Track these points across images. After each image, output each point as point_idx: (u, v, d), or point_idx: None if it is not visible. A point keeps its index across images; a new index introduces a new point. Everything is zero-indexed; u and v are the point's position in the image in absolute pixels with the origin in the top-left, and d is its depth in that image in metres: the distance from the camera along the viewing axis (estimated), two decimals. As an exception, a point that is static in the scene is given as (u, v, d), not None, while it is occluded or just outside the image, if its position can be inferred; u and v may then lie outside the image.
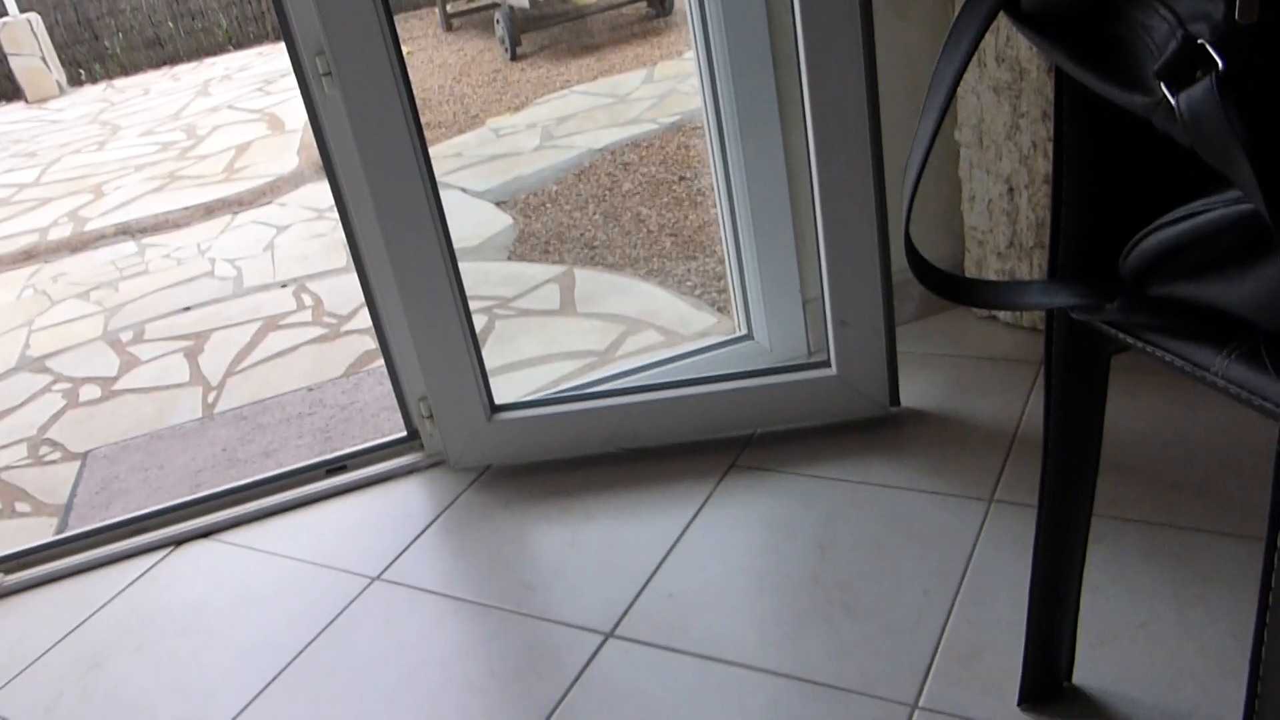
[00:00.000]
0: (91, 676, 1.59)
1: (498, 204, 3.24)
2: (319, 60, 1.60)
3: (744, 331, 2.02)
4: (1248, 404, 0.80)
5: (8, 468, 2.38)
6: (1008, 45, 1.78)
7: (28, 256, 3.91)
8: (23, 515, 2.17)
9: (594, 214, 3.04)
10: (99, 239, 3.94)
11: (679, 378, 1.84)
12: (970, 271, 2.02)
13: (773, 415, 1.80)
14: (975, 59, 1.83)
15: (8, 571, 1.84)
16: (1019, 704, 1.22)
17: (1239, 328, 0.80)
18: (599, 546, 1.62)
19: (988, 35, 1.78)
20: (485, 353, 1.81)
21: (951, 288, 0.91)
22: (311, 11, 1.55)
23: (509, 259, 2.86)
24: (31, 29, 7.29)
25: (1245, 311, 0.79)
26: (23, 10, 7.44)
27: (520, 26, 5.41)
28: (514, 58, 5.31)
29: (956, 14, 0.82)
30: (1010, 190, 1.87)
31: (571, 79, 4.67)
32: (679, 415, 1.80)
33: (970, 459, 1.65)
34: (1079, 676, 1.24)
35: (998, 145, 1.85)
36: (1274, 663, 0.65)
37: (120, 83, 7.40)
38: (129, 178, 4.66)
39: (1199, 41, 0.69)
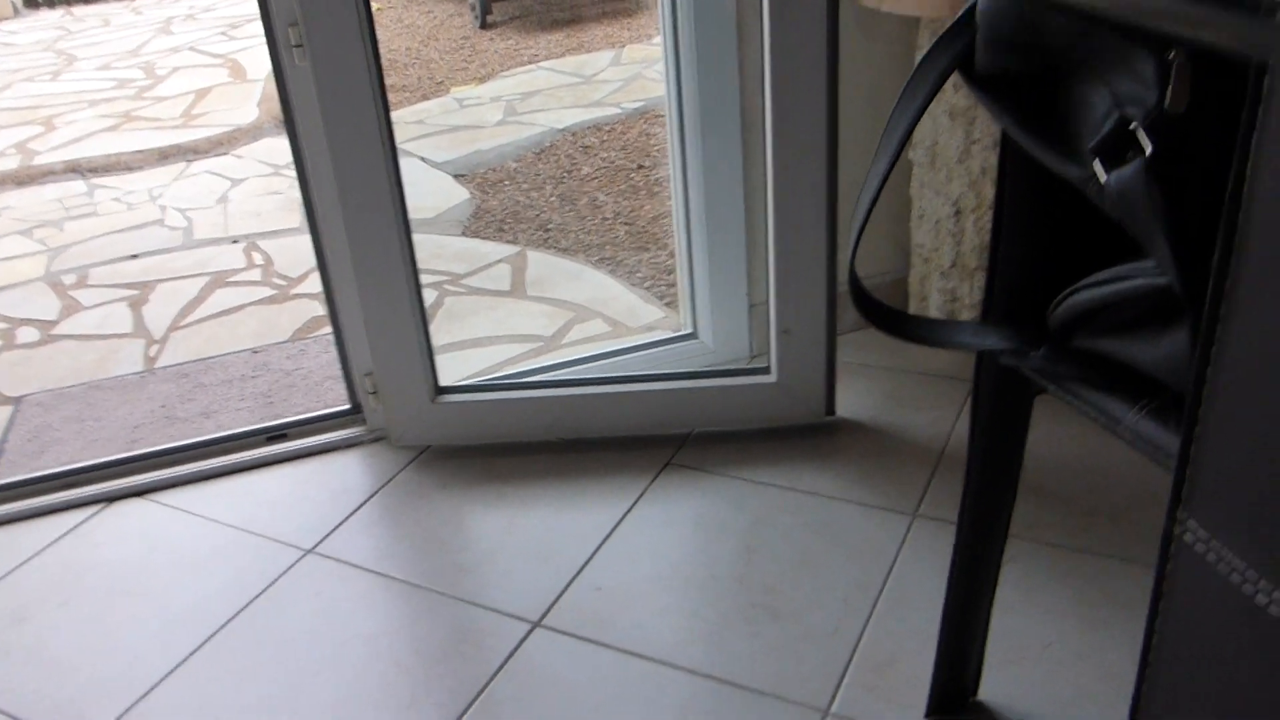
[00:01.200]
0: (14, 630, 1.59)
1: (456, 177, 3.23)
2: (291, 31, 1.59)
3: (689, 330, 2.05)
4: (1152, 458, 0.85)
5: (-61, 408, 2.35)
6: (967, 72, 1.82)
7: (-29, 188, 3.83)
8: (-47, 458, 2.15)
9: (551, 195, 3.05)
10: (47, 174, 3.86)
11: (623, 373, 1.88)
12: (914, 288, 2.07)
13: (711, 416, 1.84)
14: (935, 82, 1.87)
15: (-65, 516, 1.83)
16: (926, 715, 1.28)
17: (1151, 387, 0.85)
18: (534, 534, 1.65)
19: (949, 61, 1.82)
20: (433, 329, 1.82)
21: (889, 321, 0.95)
22: (284, -19, 1.55)
23: (463, 234, 2.86)
24: (-12, -51, 7.09)
25: (1158, 373, 0.83)
26: (-20, -72, 7.22)
27: (491, -5, 5.38)
28: (483, 26, 5.28)
29: (916, 65, 0.85)
30: (958, 212, 1.92)
31: (539, 54, 4.65)
32: (620, 410, 1.83)
33: (899, 472, 1.71)
34: (985, 692, 1.30)
35: (949, 168, 1.90)
36: (1157, 679, 0.70)
37: (79, 10, 7.22)
38: (82, 113, 4.57)
39: (1132, 125, 0.73)
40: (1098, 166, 0.73)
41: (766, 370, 1.79)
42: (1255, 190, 0.56)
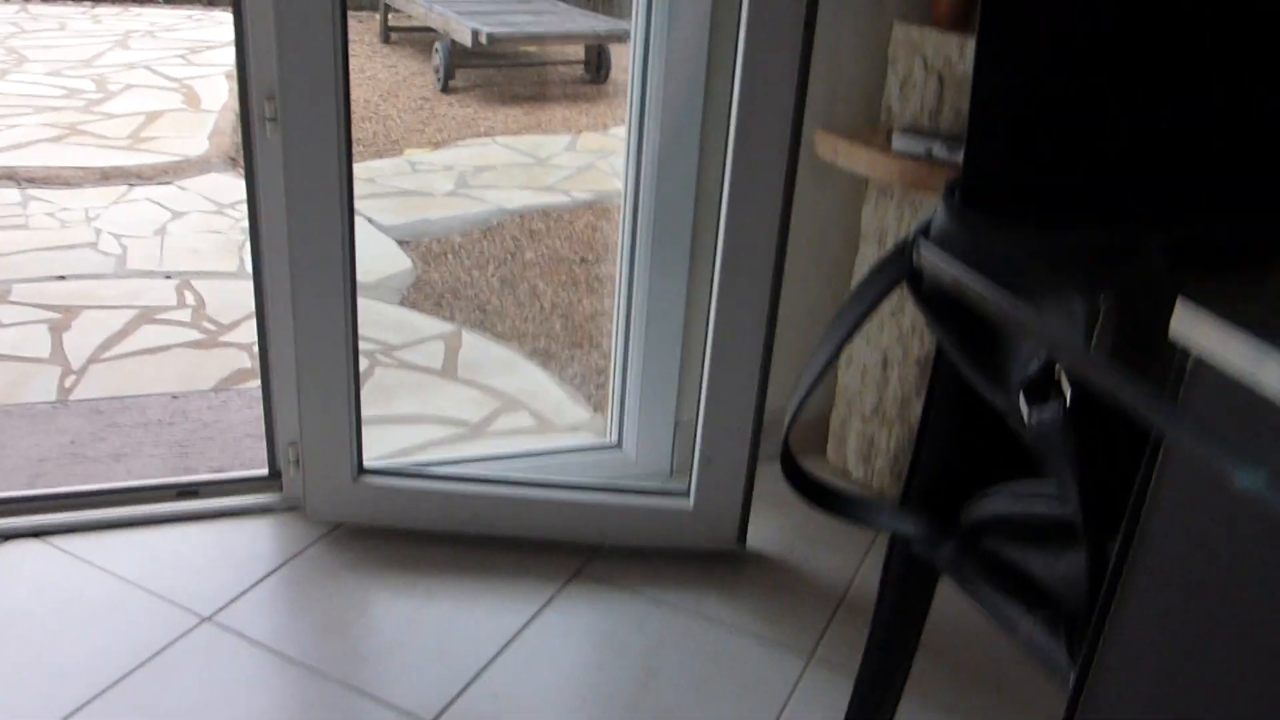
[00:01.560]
0: (-112, 665, 1.54)
1: (401, 243, 3.26)
2: (268, 104, 1.62)
3: (614, 439, 2.09)
4: (1040, 664, 0.91)
5: None
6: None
7: (-101, 180, 3.73)
8: None
9: (492, 276, 3.09)
10: (-20, 178, 3.79)
11: (543, 476, 1.91)
12: (834, 427, 2.15)
13: (625, 531, 1.87)
14: (877, 238, 1.97)
15: None
16: None
17: (1046, 599, 0.91)
18: (437, 629, 1.66)
19: (892, 221, 1.93)
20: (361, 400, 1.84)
21: (815, 494, 1.01)
22: (271, 59, 1.58)
23: (401, 304, 2.88)
24: (-48, -67, 6.98)
25: (1054, 587, 0.90)
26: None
27: (457, 61, 5.45)
28: (445, 90, 5.35)
29: (865, 274, 0.92)
30: (885, 362, 2.01)
31: (496, 127, 4.72)
32: (537, 513, 1.86)
33: (800, 610, 1.76)
34: (855, 846, 1.34)
35: (881, 319, 1.99)
36: None
37: (36, 8, 7.12)
38: (26, 118, 4.50)
39: (1057, 367, 0.80)
40: (1022, 402, 0.79)
41: (685, 494, 1.84)
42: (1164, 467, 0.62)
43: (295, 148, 1.63)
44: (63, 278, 3.02)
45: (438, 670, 1.57)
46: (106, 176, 3.89)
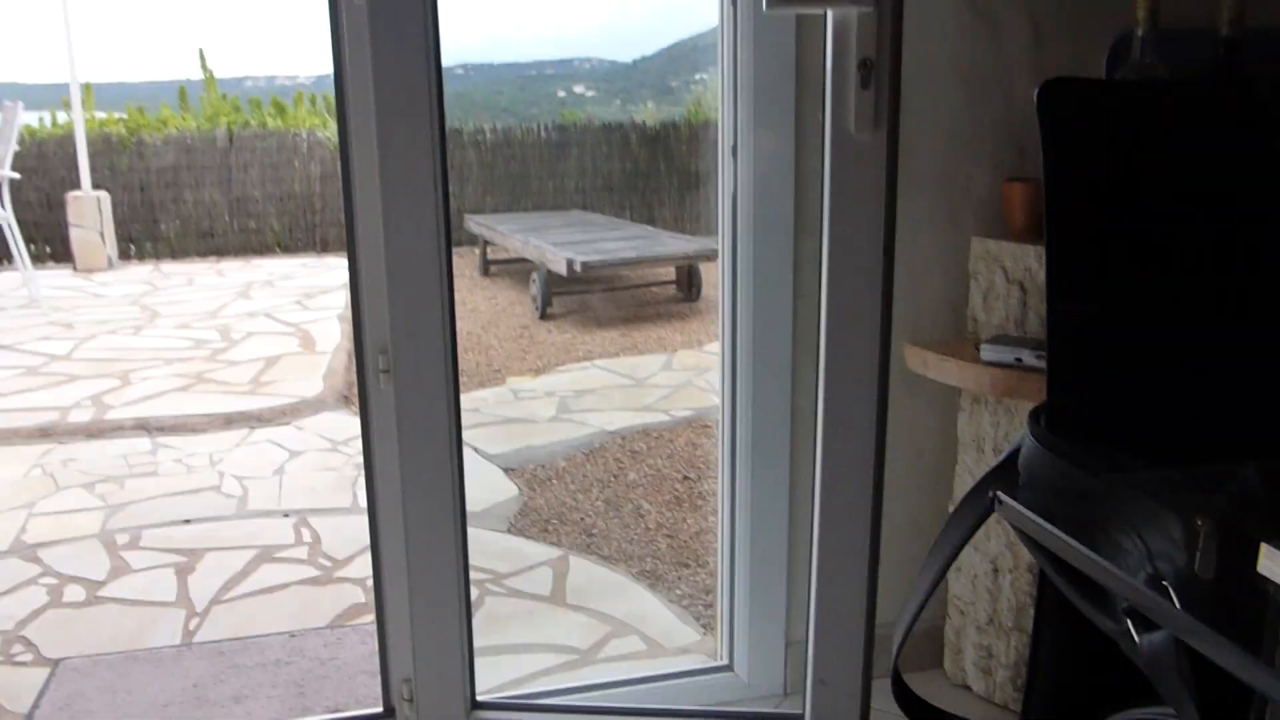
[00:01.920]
0: None
1: (506, 471, 3.35)
2: (381, 358, 1.74)
3: (725, 661, 2.07)
4: None
5: (-23, 663, 2.38)
6: (1005, 439, 1.93)
7: (44, 434, 4.00)
8: (-18, 720, 2.16)
9: (597, 499, 3.14)
10: (116, 429, 4.04)
11: (655, 702, 1.89)
12: (949, 639, 2.09)
13: (742, 757, 1.83)
14: (975, 445, 1.97)
15: (-42, 788, 1.83)
16: None
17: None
18: None
19: (989, 428, 1.94)
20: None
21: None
22: (383, 313, 1.70)
23: (509, 531, 2.94)
24: (98, 206, 7.69)
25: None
26: (96, 187, 7.87)
27: (554, 289, 5.72)
28: (543, 317, 5.58)
29: (955, 509, 0.93)
30: (995, 570, 1.97)
31: (594, 350, 4.90)
32: (650, 742, 1.83)
33: (929, 841, 1.67)
34: None
35: (987, 526, 1.96)
36: None
37: (167, 267, 7.73)
38: (157, 370, 4.82)
39: (1163, 582, 0.80)
40: (1130, 626, 0.79)
41: (800, 717, 1.79)
42: None
43: (406, 394, 1.72)
44: (188, 521, 3.16)
45: None
46: (230, 421, 4.11)
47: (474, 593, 2.59)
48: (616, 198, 8.96)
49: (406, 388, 1.72)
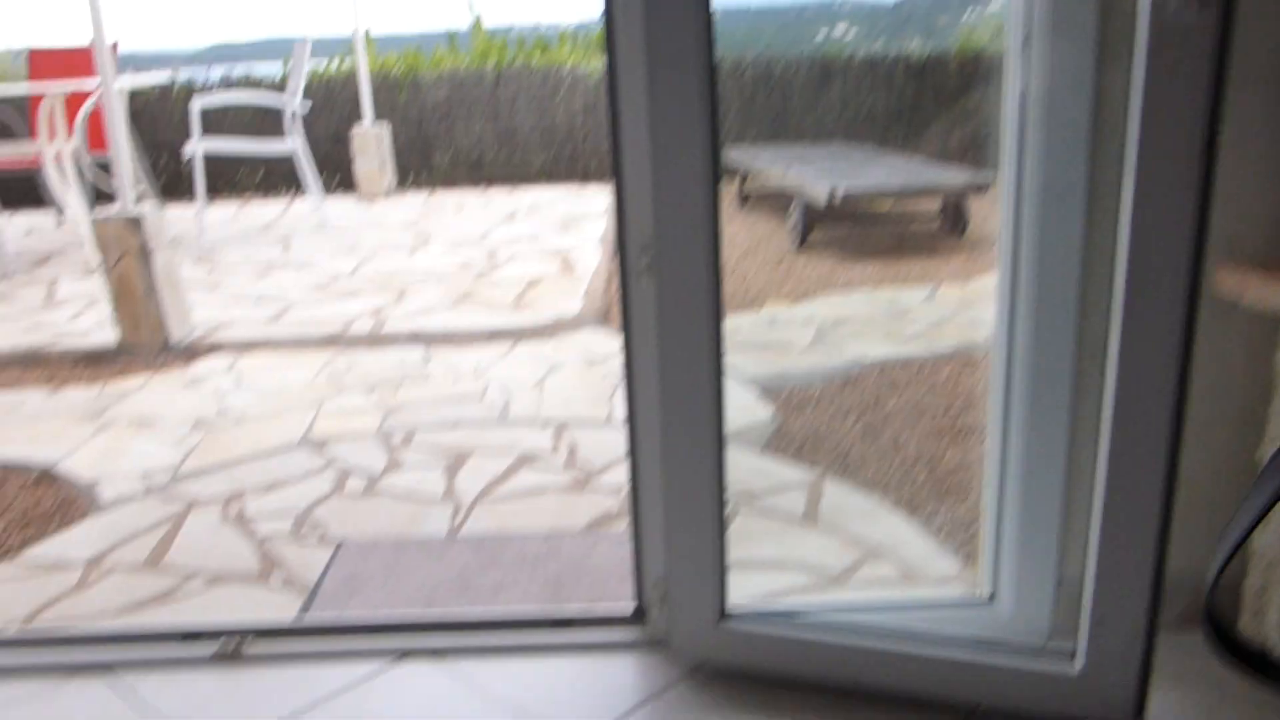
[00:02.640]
0: (301, 768, 1.68)
1: (762, 394, 3.31)
2: (643, 257, 1.72)
3: (988, 592, 1.96)
4: None
5: (273, 536, 2.59)
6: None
7: (330, 343, 4.30)
8: (275, 587, 2.35)
9: (853, 426, 3.06)
10: (392, 340, 4.29)
11: (912, 629, 1.81)
12: (1248, 598, 1.89)
13: (1003, 694, 1.73)
14: (1295, 379, 1.76)
15: (255, 640, 2.00)
16: None
17: None
18: (800, 783, 1.59)
19: (1314, 360, 1.72)
20: (726, 550, 1.84)
21: (1254, 662, 0.88)
22: (648, 219, 1.68)
23: (763, 452, 2.91)
24: (379, 139, 8.16)
25: None
26: (377, 120, 8.36)
27: (813, 219, 5.59)
28: (801, 247, 5.48)
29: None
30: (1310, 520, 1.76)
31: (854, 281, 4.76)
32: (906, 668, 1.76)
33: (1216, 802, 1.53)
34: None
35: (1304, 471, 1.75)
36: None
37: (439, 197, 8.12)
38: (429, 288, 5.08)
39: None
40: None
41: (1071, 657, 1.67)
42: None
43: (668, 298, 1.70)
44: (456, 426, 3.32)
45: (803, 828, 1.50)
46: (494, 336, 4.28)
47: (726, 507, 2.58)
48: (879, 131, 8.65)
49: (668, 290, 1.70)
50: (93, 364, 4.20)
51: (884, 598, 2.03)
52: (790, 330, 4.03)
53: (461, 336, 4.29)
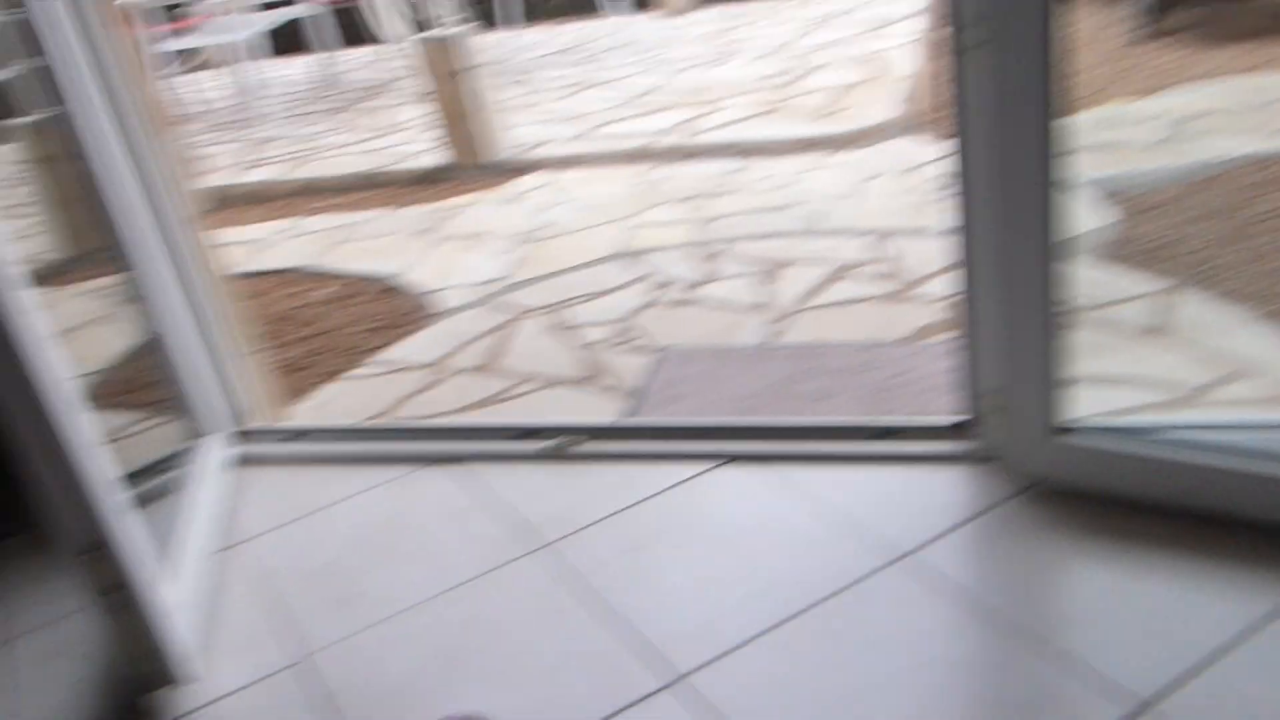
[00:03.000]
0: (630, 557, 1.76)
1: (1105, 196, 3.01)
2: (971, 32, 1.55)
3: (1386, 415, 1.71)
4: None
5: (598, 343, 2.68)
6: None
7: (643, 156, 4.32)
8: (601, 390, 2.44)
9: (1212, 231, 2.73)
10: (704, 152, 4.25)
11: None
12: None
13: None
14: None
15: (584, 440, 2.09)
16: None
17: None
18: (1150, 606, 1.48)
19: None
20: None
21: None
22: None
23: (1105, 259, 2.66)
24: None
25: None
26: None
27: (1167, 1, 4.94)
28: (1151, 36, 4.88)
29: None
30: None
31: (1215, 69, 4.19)
32: (1271, 493, 1.57)
33: None
34: None
35: None
36: None
37: (734, 9, 7.85)
38: (741, 99, 4.97)
39: None
40: None
41: None
42: None
43: (1003, 71, 1.53)
44: (771, 236, 3.26)
45: (1152, 650, 1.40)
46: (808, 145, 4.14)
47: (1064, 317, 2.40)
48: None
49: (1003, 69, 1.52)
50: (426, 184, 4.46)
51: (1253, 417, 1.82)
52: (1134, 129, 3.62)
53: (774, 147, 4.18)
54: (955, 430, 1.89)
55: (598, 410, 2.36)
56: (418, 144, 4.97)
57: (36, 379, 1.36)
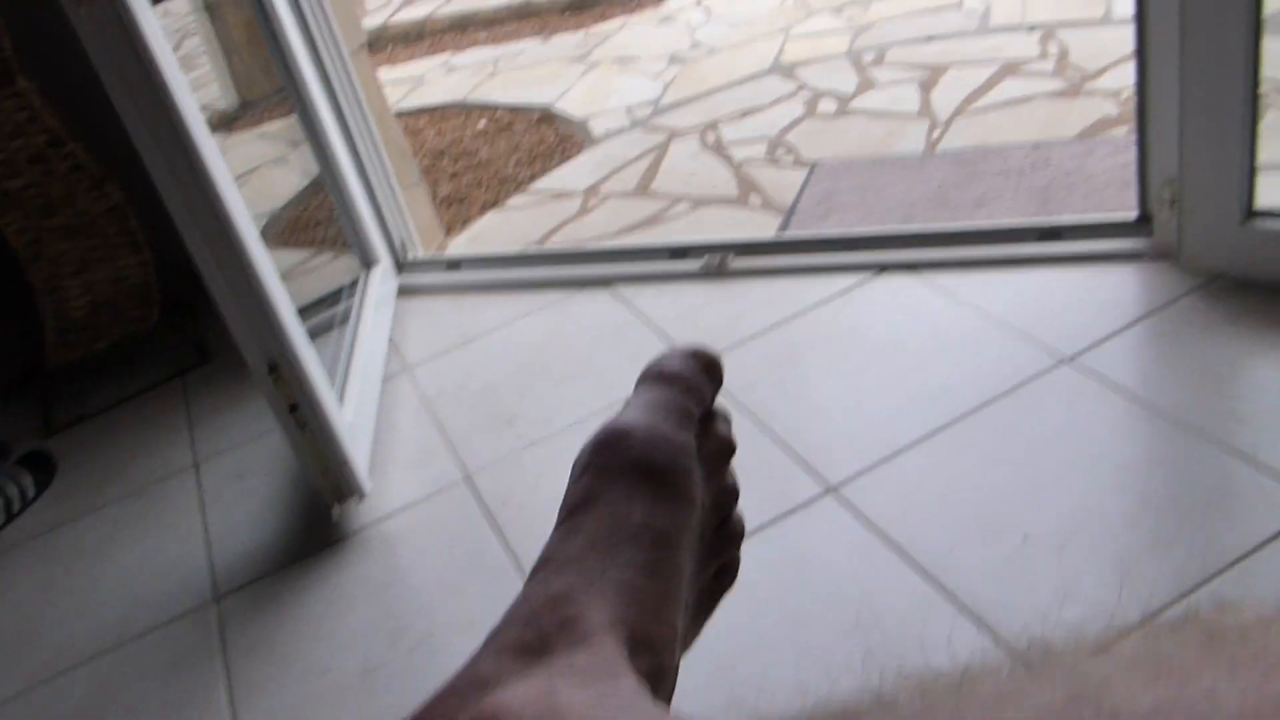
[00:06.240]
0: (787, 369, 1.76)
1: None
2: None
3: None
4: None
5: (749, 161, 2.63)
6: None
7: (794, -36, 4.13)
8: (753, 208, 2.41)
9: None
10: (859, -45, 4.02)
11: None
12: None
13: None
14: None
15: (737, 256, 2.07)
16: None
17: None
18: (1339, 400, 1.39)
19: None
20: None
21: None
22: None
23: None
24: None
25: None
26: None
27: None
28: None
29: None
30: None
31: None
32: None
33: None
34: None
35: None
36: None
37: None
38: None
39: None
40: None
41: None
42: None
43: None
44: (930, 39, 3.09)
45: (1340, 445, 1.33)
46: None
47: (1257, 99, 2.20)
48: None
49: None
50: (576, 11, 4.39)
51: None
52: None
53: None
54: (1129, 227, 1.79)
55: (753, 228, 2.33)
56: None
57: (224, 218, 1.44)
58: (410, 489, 1.74)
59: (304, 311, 1.69)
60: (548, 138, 3.15)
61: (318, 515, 1.74)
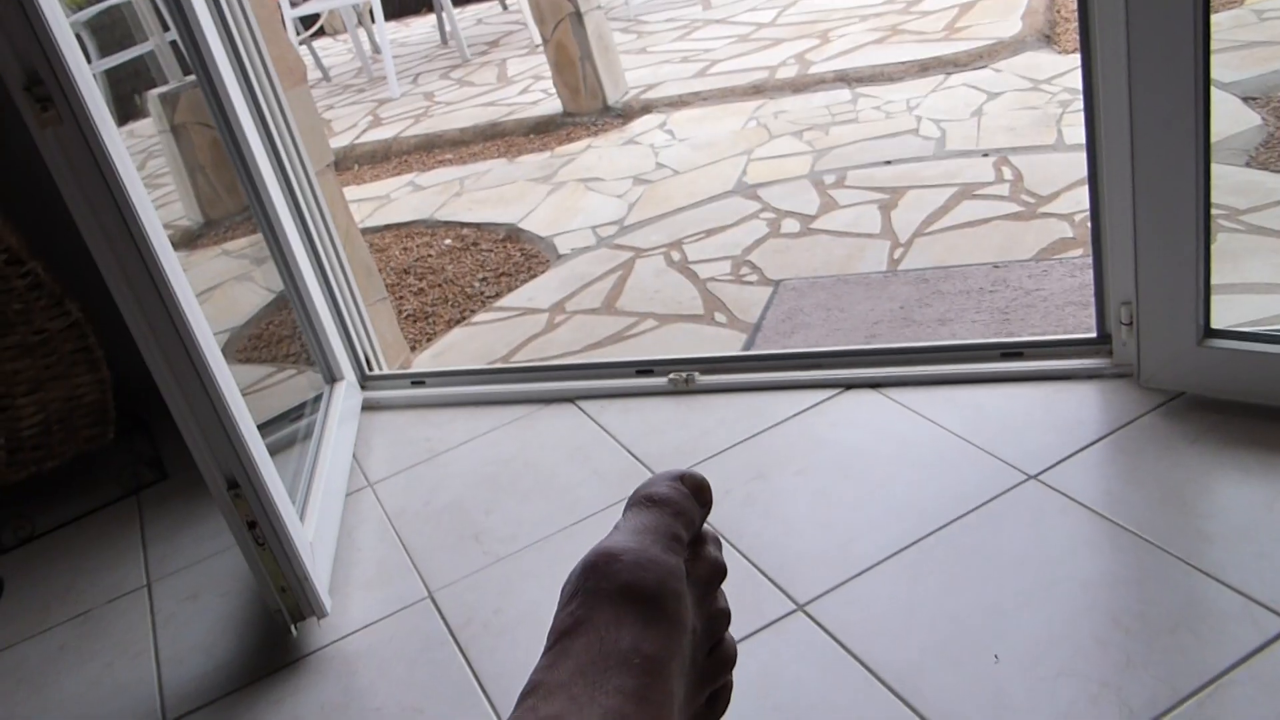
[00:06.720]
0: (755, 485, 1.75)
1: (1246, 99, 2.83)
2: (1109, -79, 1.46)
3: None
4: None
5: (714, 279, 2.66)
6: None
7: (756, 91, 4.25)
8: (719, 325, 2.43)
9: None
10: (818, 83, 4.15)
11: None
12: None
13: None
14: None
15: (703, 373, 2.08)
16: None
17: None
18: (1302, 518, 1.40)
19: None
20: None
21: None
22: None
23: (1248, 165, 2.50)
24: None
25: None
26: None
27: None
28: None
29: None
30: None
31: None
32: None
33: None
34: None
35: None
36: None
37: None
38: (854, 26, 4.83)
39: None
40: None
41: None
42: None
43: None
44: (889, 162, 3.18)
45: (1306, 563, 1.33)
46: (925, 68, 4.00)
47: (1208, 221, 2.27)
48: None
49: (1143, -47, 1.43)
50: (541, 131, 4.49)
51: None
52: (1273, 26, 3.39)
53: (891, 71, 4.06)
54: (1089, 345, 1.82)
55: (718, 344, 2.35)
56: (533, 93, 4.99)
57: (185, 335, 1.43)
58: (371, 608, 1.69)
59: (266, 427, 1.67)
60: (513, 255, 3.18)
61: (275, 635, 1.68)
